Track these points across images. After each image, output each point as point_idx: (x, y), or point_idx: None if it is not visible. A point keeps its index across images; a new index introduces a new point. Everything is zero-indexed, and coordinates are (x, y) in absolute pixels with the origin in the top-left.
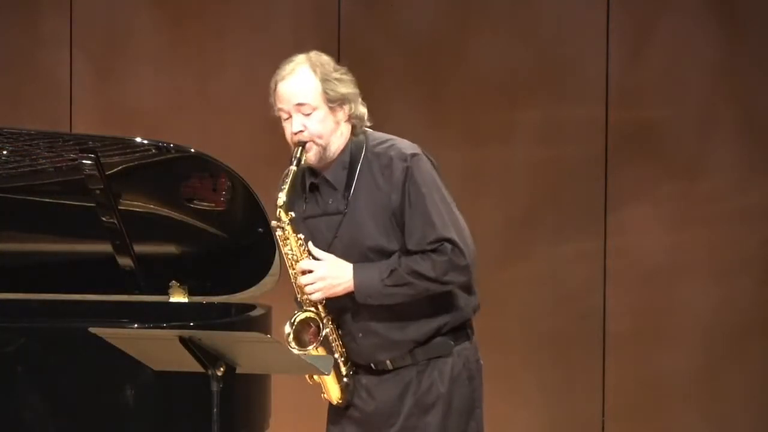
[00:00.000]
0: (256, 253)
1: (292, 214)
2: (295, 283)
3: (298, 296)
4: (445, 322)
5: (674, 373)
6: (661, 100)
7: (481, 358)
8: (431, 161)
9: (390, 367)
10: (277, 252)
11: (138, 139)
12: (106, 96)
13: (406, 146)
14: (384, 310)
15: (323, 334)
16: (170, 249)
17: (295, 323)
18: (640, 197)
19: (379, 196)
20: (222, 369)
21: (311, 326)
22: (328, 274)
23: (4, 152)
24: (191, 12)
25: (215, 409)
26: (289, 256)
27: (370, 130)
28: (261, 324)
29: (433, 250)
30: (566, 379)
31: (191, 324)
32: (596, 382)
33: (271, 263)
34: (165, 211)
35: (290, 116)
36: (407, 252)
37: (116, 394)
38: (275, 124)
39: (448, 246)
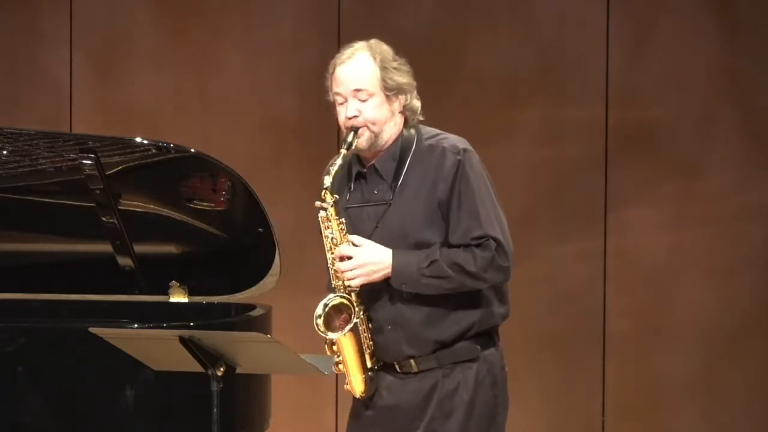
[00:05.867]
0: (256, 253)
1: (337, 196)
2: (332, 268)
3: (333, 282)
4: (473, 324)
5: (674, 373)
6: (661, 100)
7: (506, 365)
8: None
9: (415, 369)
10: (277, 252)
11: (138, 139)
12: (106, 96)
13: (459, 140)
14: (415, 305)
15: (354, 321)
16: (170, 249)
17: (328, 307)
18: (640, 197)
19: (427, 187)
20: (222, 369)
21: (343, 312)
22: (367, 261)
23: (4, 152)
24: (191, 12)
25: (215, 409)
26: (329, 239)
27: (422, 125)
28: (261, 324)
29: (477, 245)
30: (566, 379)
31: (191, 324)
32: (596, 382)
33: (271, 263)
34: (165, 211)
35: (345, 101)
36: (449, 245)
37: (116, 394)
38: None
39: (492, 243)
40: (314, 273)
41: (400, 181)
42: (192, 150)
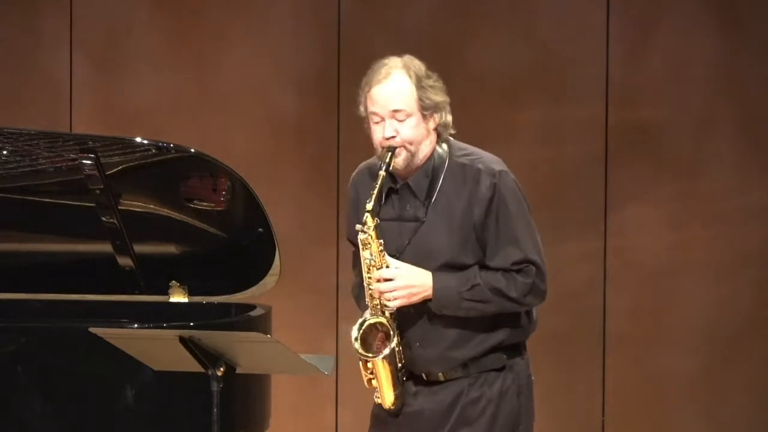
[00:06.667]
0: (256, 253)
1: (378, 219)
2: (368, 288)
3: (368, 301)
4: (501, 341)
5: (674, 373)
6: (661, 100)
7: (532, 374)
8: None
9: (442, 378)
10: (277, 252)
11: (138, 139)
12: (106, 96)
13: (494, 160)
14: (445, 325)
15: (394, 342)
16: (170, 249)
17: (364, 326)
18: (640, 197)
19: (460, 208)
20: (222, 369)
21: (378, 331)
22: (408, 283)
23: (4, 152)
24: (191, 12)
25: (215, 409)
26: (367, 261)
27: (452, 139)
28: (261, 324)
29: (518, 271)
30: (566, 379)
31: (191, 324)
32: (596, 382)
33: (271, 263)
34: (165, 211)
35: (382, 120)
36: (487, 268)
37: (116, 394)
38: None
39: (533, 269)
40: (314, 273)
41: (433, 199)
42: (192, 150)
